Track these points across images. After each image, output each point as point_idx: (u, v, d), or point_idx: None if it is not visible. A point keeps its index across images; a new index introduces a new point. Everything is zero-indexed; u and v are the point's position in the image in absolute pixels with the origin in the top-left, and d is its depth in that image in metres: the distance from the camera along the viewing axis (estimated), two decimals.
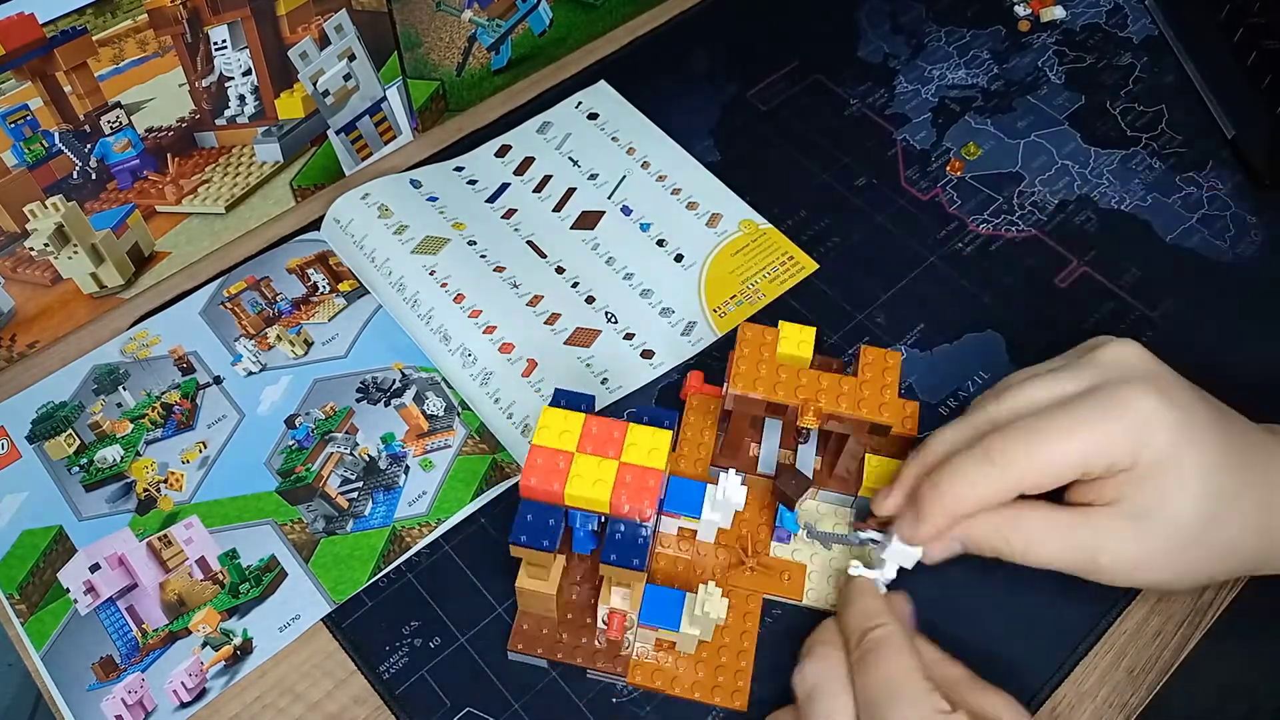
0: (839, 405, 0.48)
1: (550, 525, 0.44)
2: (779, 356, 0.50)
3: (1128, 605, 0.53)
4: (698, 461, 0.54)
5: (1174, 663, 0.52)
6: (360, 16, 0.62)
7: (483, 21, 0.68)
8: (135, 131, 0.57)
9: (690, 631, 0.47)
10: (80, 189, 0.57)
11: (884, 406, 0.48)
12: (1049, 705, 0.50)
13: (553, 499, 0.44)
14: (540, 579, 0.47)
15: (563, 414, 0.45)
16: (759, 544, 0.52)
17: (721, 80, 0.74)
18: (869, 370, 0.49)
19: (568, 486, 0.44)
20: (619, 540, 0.44)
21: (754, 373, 0.49)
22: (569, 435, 0.45)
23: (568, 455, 0.44)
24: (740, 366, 0.49)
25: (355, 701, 0.50)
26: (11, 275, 0.57)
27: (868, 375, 0.49)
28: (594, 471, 0.44)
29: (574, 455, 0.44)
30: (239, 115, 0.61)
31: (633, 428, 0.45)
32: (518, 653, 0.49)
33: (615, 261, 0.64)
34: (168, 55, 0.56)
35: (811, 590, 0.52)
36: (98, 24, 0.53)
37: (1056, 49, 0.76)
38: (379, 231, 0.63)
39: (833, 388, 0.49)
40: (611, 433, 0.45)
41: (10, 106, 0.52)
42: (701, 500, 0.49)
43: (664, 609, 0.47)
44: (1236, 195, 0.68)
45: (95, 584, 0.53)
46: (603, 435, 0.45)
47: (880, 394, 0.49)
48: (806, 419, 0.48)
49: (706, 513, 0.49)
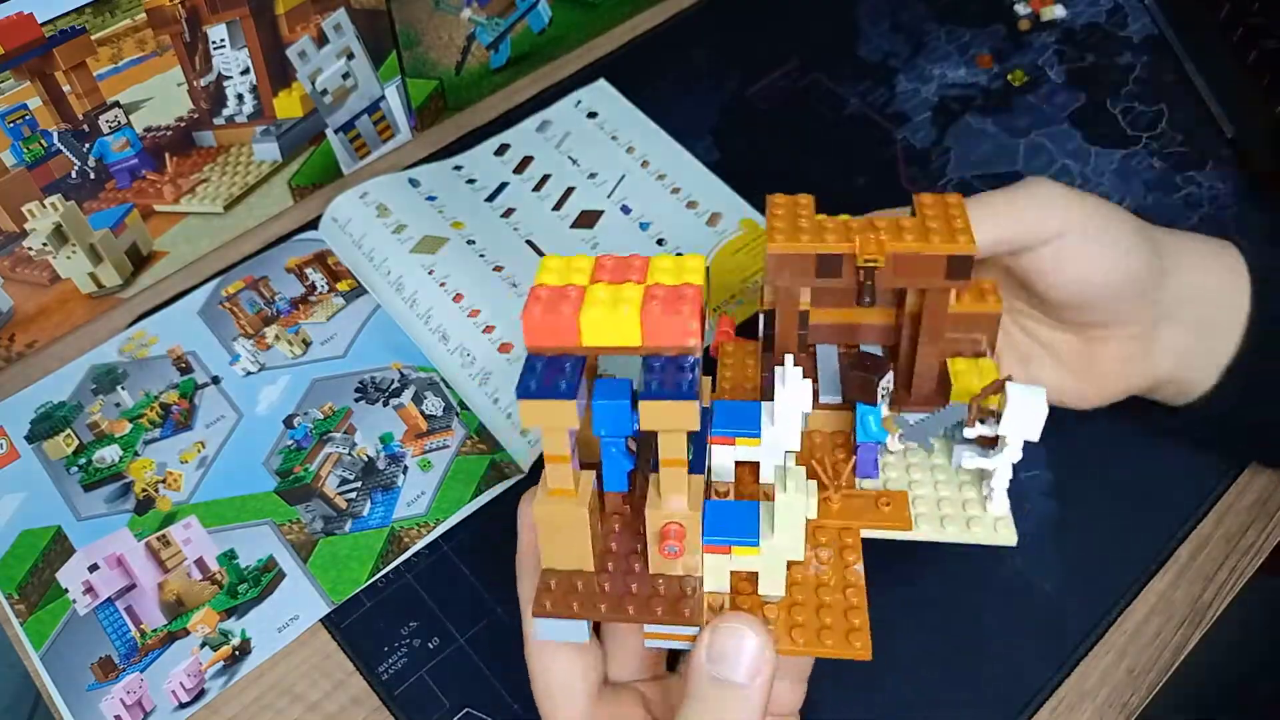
0: (905, 240, 0.39)
1: (567, 369, 0.34)
2: None
3: (1128, 605, 0.53)
4: None
5: (1174, 663, 0.52)
6: (359, 15, 0.62)
7: (482, 20, 0.68)
8: (134, 131, 0.57)
9: (778, 542, 0.36)
10: (79, 188, 0.57)
11: (959, 234, 0.39)
12: (1049, 705, 0.50)
13: (566, 340, 0.34)
14: (566, 491, 0.36)
15: (566, 259, 0.36)
16: (840, 472, 0.42)
17: (721, 79, 0.74)
18: (930, 210, 0.41)
19: (583, 317, 0.33)
20: (660, 372, 0.33)
21: (794, 228, 0.40)
22: (579, 273, 0.35)
23: (578, 289, 0.34)
24: (777, 226, 0.40)
25: (354, 702, 0.50)
26: (10, 275, 0.57)
27: (929, 214, 0.40)
28: (614, 297, 0.34)
29: (586, 287, 0.35)
30: (237, 114, 0.61)
31: (658, 257, 0.36)
32: (547, 615, 0.37)
33: None
34: (166, 54, 0.56)
35: (922, 518, 0.41)
36: (96, 23, 0.52)
37: (1057, 48, 0.75)
38: (377, 231, 0.63)
39: (895, 229, 0.40)
40: (631, 263, 0.36)
41: (9, 106, 0.52)
42: (758, 416, 0.39)
43: (735, 520, 0.37)
44: (1236, 194, 0.68)
45: (94, 584, 0.52)
46: (620, 267, 0.35)
47: (951, 225, 0.39)
48: (869, 252, 0.39)
49: (767, 429, 0.39)
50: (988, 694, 0.50)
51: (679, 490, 0.36)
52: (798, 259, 0.40)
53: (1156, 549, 0.54)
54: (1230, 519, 0.56)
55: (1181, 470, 0.57)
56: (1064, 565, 0.53)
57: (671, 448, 0.35)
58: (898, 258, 0.39)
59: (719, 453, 0.40)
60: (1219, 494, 0.56)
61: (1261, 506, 0.56)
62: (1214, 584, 0.54)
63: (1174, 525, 0.55)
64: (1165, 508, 0.55)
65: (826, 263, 0.40)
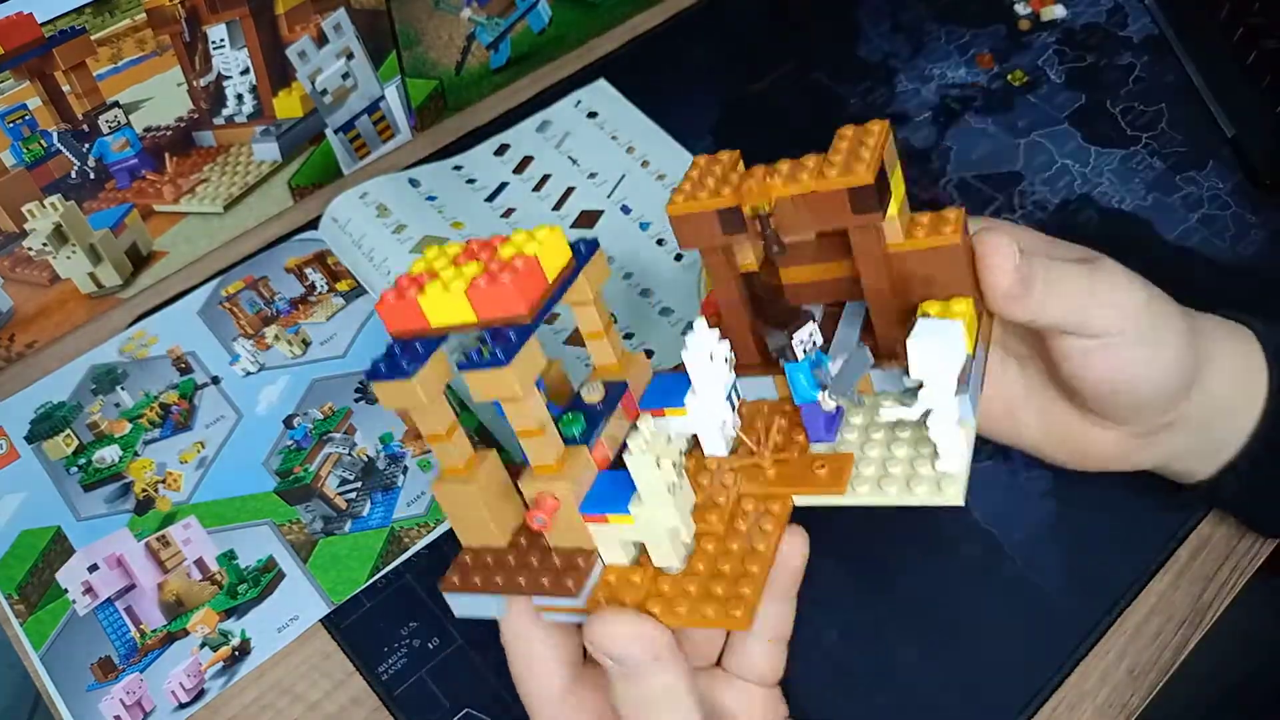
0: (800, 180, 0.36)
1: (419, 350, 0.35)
2: None
3: (1128, 605, 0.53)
4: None
5: (1174, 663, 0.52)
6: (358, 15, 0.62)
7: (482, 20, 0.68)
8: (133, 131, 0.57)
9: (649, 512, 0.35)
10: (78, 188, 0.57)
11: (857, 165, 0.35)
12: (1049, 705, 0.50)
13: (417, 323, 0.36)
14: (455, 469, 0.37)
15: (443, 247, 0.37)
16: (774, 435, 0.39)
17: (721, 79, 0.74)
18: (842, 143, 0.37)
19: (422, 300, 0.35)
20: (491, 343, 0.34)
21: (697, 186, 0.39)
22: (444, 258, 0.37)
23: (430, 274, 0.36)
24: (682, 188, 0.39)
25: (354, 702, 0.50)
26: (10, 275, 0.57)
27: (840, 147, 0.37)
28: (453, 277, 0.35)
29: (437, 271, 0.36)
30: (237, 114, 0.61)
31: (517, 231, 0.36)
32: (454, 590, 0.38)
33: (614, 261, 0.64)
34: (166, 54, 0.56)
35: (862, 480, 0.37)
36: (96, 23, 0.52)
37: (1057, 48, 0.75)
38: (377, 231, 0.63)
39: (792, 169, 0.37)
40: (491, 243, 0.36)
41: (9, 106, 0.52)
42: (685, 387, 0.38)
43: (611, 489, 0.36)
44: (1236, 194, 0.67)
45: (94, 584, 0.52)
46: (481, 248, 0.36)
47: (855, 156, 0.36)
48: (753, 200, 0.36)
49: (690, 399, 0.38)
50: (988, 694, 0.50)
51: (546, 459, 0.36)
52: (698, 218, 0.38)
53: (1156, 549, 0.54)
54: (1230, 519, 0.56)
55: None
56: (1064, 565, 0.53)
57: (519, 416, 0.36)
58: (793, 201, 0.36)
59: (660, 426, 0.39)
60: None
61: None
62: (1214, 584, 0.54)
63: (1174, 525, 0.55)
64: (1165, 508, 0.55)
65: (727, 218, 0.38)
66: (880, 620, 0.52)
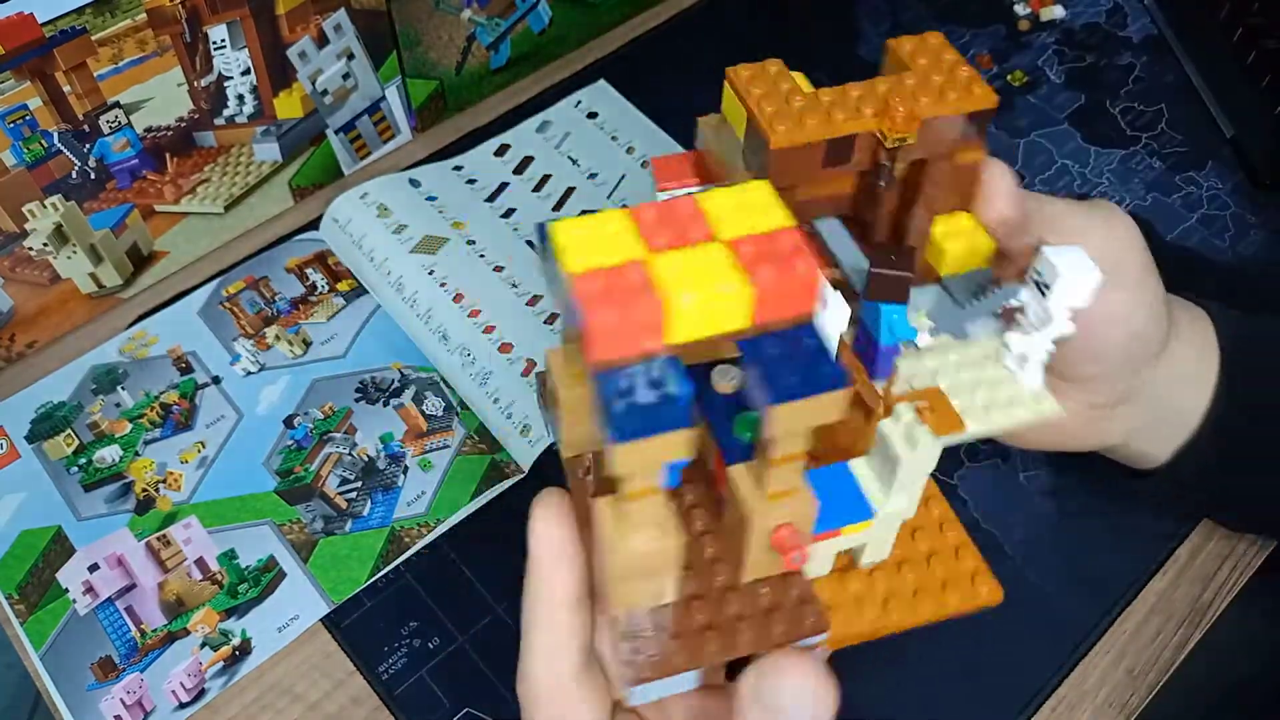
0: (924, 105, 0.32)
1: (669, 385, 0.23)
2: None
3: (1128, 605, 0.53)
4: None
5: (1173, 663, 0.52)
6: (359, 15, 0.62)
7: (482, 20, 0.68)
8: (134, 131, 0.57)
9: (892, 506, 0.30)
10: (79, 189, 0.57)
11: (971, 84, 0.33)
12: (1049, 705, 0.50)
13: (649, 341, 0.23)
14: (648, 526, 0.27)
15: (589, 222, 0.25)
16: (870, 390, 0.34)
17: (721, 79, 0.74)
18: (921, 56, 0.34)
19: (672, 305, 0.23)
20: (776, 358, 0.24)
21: (791, 108, 0.32)
22: (621, 240, 0.24)
23: (636, 265, 0.24)
24: (769, 110, 0.32)
25: (354, 702, 0.50)
26: (10, 275, 0.57)
27: (924, 61, 0.34)
28: (701, 267, 0.24)
29: (645, 260, 0.24)
30: (238, 115, 0.61)
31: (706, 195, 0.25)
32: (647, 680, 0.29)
33: None
34: (166, 55, 0.56)
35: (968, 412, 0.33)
36: (97, 24, 0.53)
37: (1056, 48, 0.76)
38: (378, 231, 0.63)
39: (900, 89, 0.33)
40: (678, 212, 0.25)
41: (9, 106, 0.52)
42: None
43: (837, 495, 0.30)
44: (1236, 194, 0.68)
45: (94, 584, 0.52)
46: (672, 221, 0.25)
47: (955, 73, 0.33)
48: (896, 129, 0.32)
49: None
50: (988, 694, 0.50)
51: (790, 487, 0.27)
52: (805, 151, 0.32)
53: (1156, 549, 0.54)
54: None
55: None
56: (1064, 565, 0.53)
57: (793, 443, 0.26)
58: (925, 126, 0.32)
59: None
60: None
61: None
62: (1214, 584, 0.54)
63: (1174, 525, 0.55)
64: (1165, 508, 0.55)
65: (838, 148, 0.32)
66: None
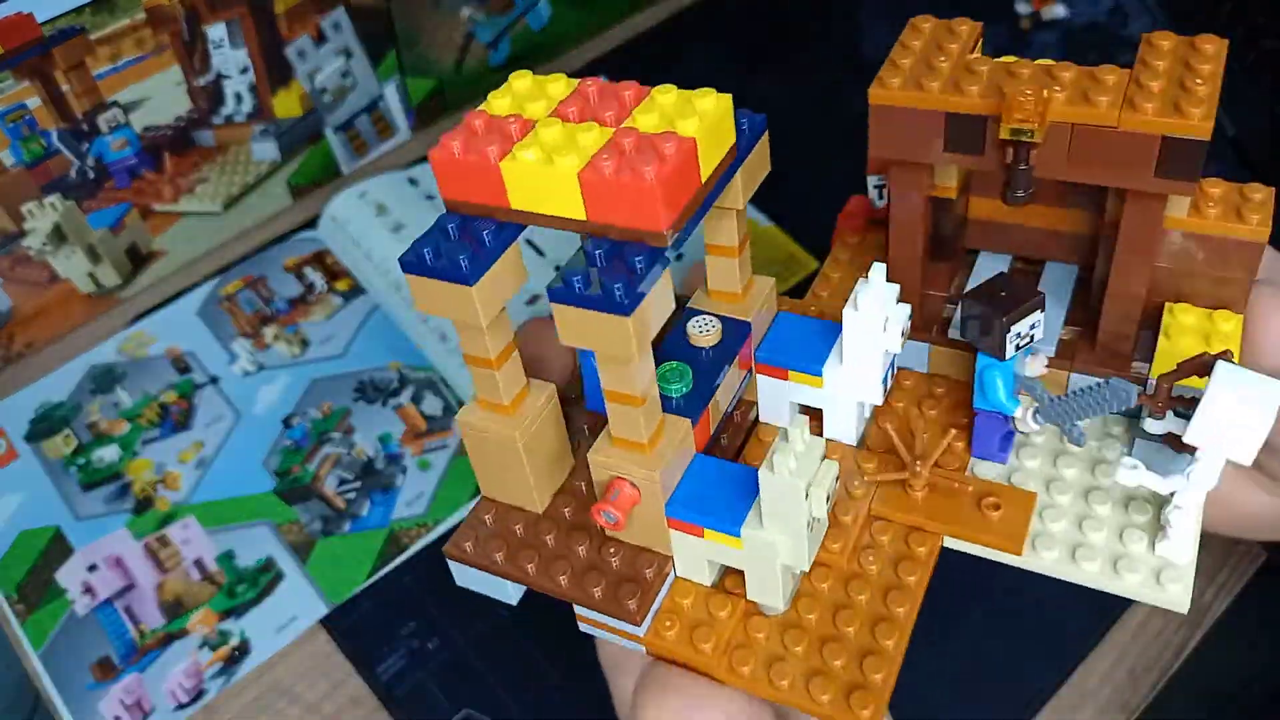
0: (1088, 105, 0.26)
1: (486, 239, 0.25)
2: None
3: (1129, 606, 0.53)
4: None
5: (1174, 663, 0.52)
6: (357, 13, 0.62)
7: (481, 18, 0.68)
8: (132, 130, 0.57)
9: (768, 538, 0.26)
10: (78, 188, 0.57)
11: (1193, 105, 0.25)
12: (1050, 705, 0.50)
13: (489, 196, 0.25)
14: (494, 404, 0.27)
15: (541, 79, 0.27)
16: (938, 450, 0.29)
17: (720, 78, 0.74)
18: (1157, 58, 0.28)
19: (507, 166, 0.24)
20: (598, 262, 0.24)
21: (923, 66, 0.27)
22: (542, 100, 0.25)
23: (525, 123, 0.25)
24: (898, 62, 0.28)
25: (353, 703, 0.50)
26: (9, 275, 0.57)
27: (1153, 64, 0.27)
28: (563, 141, 0.24)
29: (538, 122, 0.25)
30: (236, 114, 0.61)
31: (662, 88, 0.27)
32: (464, 559, 0.29)
33: None
34: (165, 54, 0.56)
35: (1041, 540, 0.29)
36: (95, 23, 0.52)
37: (1057, 48, 0.75)
38: (376, 229, 0.63)
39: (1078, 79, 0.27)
40: (619, 93, 0.26)
41: (8, 106, 0.52)
42: (829, 345, 0.29)
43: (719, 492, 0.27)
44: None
45: (93, 585, 0.52)
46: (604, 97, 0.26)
47: (1183, 86, 0.26)
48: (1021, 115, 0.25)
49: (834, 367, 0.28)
50: (989, 694, 0.50)
51: (636, 435, 0.26)
52: (916, 117, 0.26)
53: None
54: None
55: None
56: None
57: (614, 376, 0.25)
58: (1073, 130, 0.25)
59: (766, 388, 0.30)
60: None
61: None
62: (1214, 584, 0.54)
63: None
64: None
65: (960, 127, 0.26)
66: None
